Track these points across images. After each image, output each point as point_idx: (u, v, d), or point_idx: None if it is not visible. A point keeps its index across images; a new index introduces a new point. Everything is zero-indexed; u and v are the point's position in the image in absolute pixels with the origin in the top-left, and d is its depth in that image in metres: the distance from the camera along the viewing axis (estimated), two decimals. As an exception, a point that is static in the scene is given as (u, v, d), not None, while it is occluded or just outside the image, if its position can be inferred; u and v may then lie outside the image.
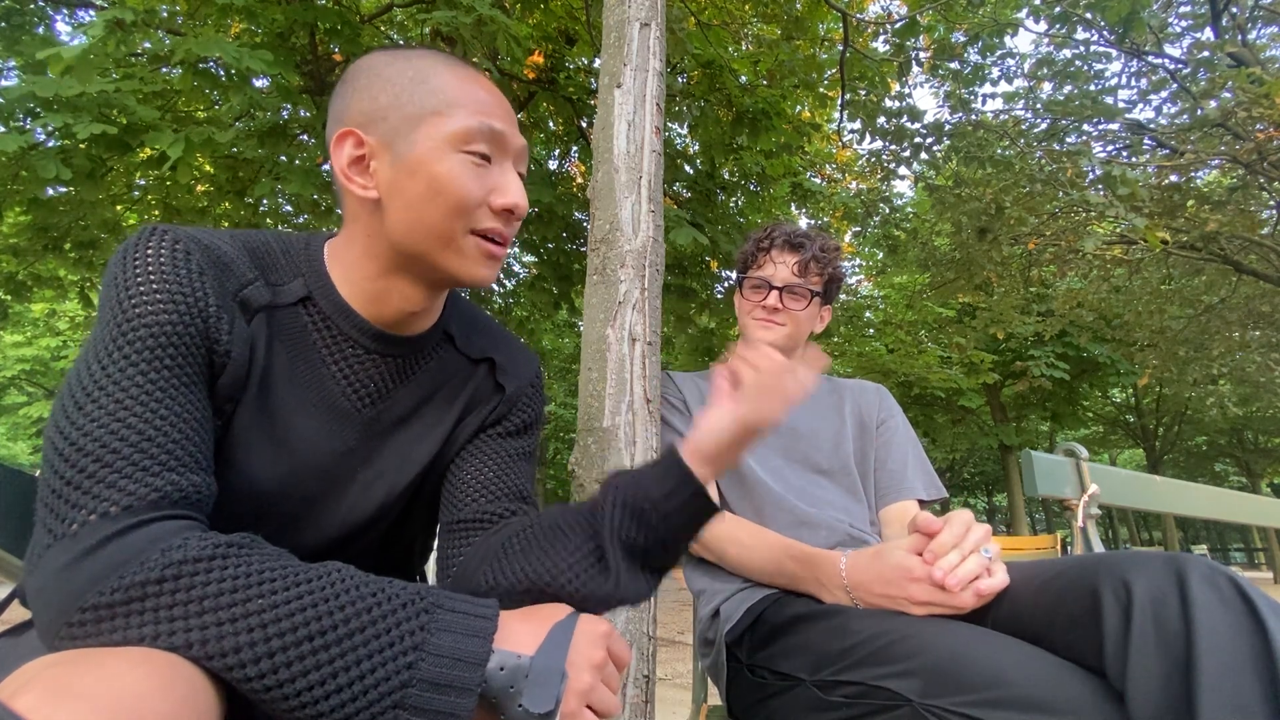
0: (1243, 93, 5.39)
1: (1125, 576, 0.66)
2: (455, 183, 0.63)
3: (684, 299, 5.37)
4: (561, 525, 0.65)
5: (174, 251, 0.59)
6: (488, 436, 0.79)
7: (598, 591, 0.60)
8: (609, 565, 0.61)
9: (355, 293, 0.69)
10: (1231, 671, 0.56)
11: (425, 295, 0.69)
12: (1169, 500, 1.88)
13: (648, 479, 0.64)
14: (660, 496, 0.62)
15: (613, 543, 0.61)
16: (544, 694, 0.50)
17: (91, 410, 0.52)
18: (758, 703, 0.94)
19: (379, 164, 0.64)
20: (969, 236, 6.55)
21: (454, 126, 0.63)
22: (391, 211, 0.64)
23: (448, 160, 0.63)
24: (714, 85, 4.38)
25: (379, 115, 0.64)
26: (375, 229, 0.66)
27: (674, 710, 3.13)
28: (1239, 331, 8.87)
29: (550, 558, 0.62)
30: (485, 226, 0.65)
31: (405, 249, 0.65)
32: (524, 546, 0.64)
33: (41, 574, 0.47)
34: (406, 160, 0.63)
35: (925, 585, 0.80)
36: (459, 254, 0.65)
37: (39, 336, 14.82)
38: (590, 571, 0.61)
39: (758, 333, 1.27)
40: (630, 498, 0.63)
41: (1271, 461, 18.80)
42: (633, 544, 0.62)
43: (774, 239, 1.28)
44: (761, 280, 1.27)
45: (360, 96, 0.66)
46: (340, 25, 3.79)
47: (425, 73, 0.65)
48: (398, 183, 0.63)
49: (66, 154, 3.14)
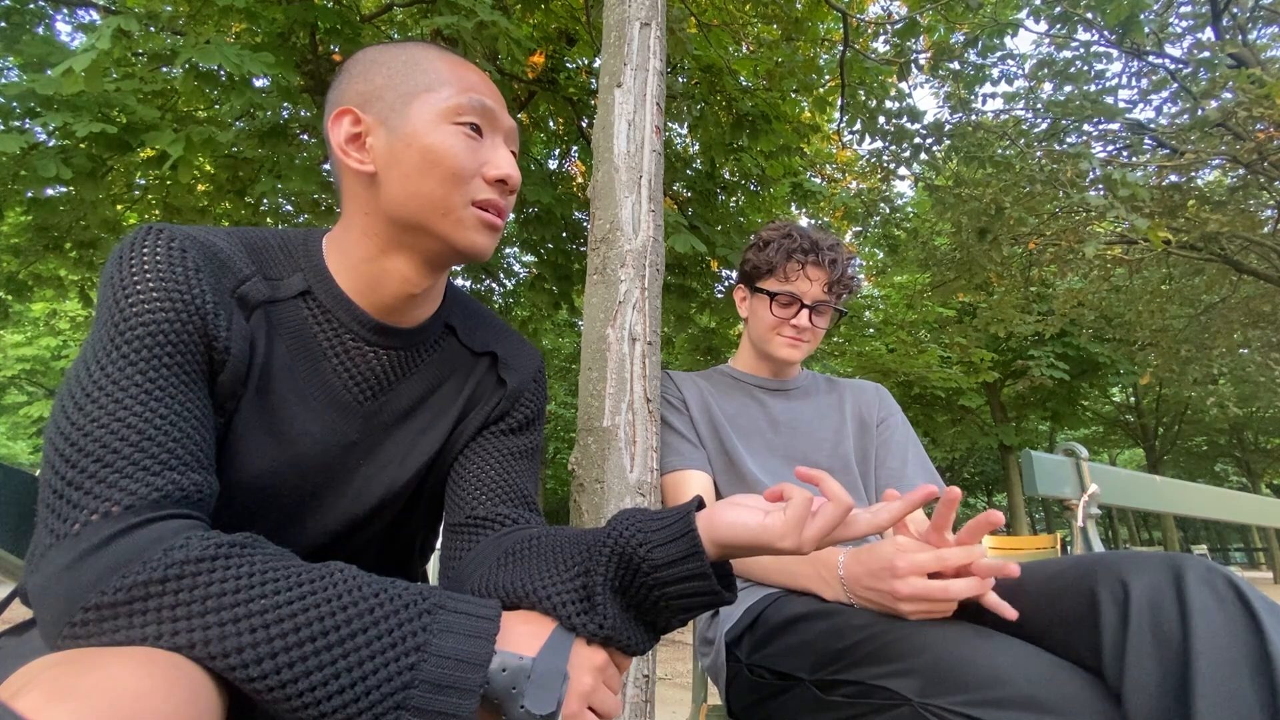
0: (1243, 93, 5.39)
1: (1123, 577, 0.66)
2: (449, 152, 0.65)
3: (684, 299, 5.36)
4: (558, 552, 0.61)
5: (170, 250, 0.59)
6: (491, 434, 0.79)
7: (585, 626, 0.56)
8: (597, 606, 0.57)
9: (354, 278, 0.69)
10: (1227, 672, 0.56)
11: (423, 274, 0.70)
12: (1169, 500, 1.88)
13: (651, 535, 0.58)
14: (663, 562, 0.57)
15: (604, 589, 0.57)
16: (546, 695, 0.50)
17: (91, 410, 0.52)
18: (757, 702, 0.94)
19: (374, 139, 0.66)
20: (969, 237, 6.54)
21: (446, 101, 0.66)
22: (388, 184, 0.66)
23: (440, 130, 0.65)
24: (714, 87, 4.38)
25: (374, 95, 0.67)
26: (372, 205, 0.67)
27: (674, 710, 3.13)
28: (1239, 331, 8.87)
29: (540, 581, 0.59)
30: (482, 198, 0.67)
31: (403, 220, 0.66)
32: (518, 561, 0.63)
33: (43, 574, 0.47)
34: (401, 133, 0.65)
35: (909, 581, 0.78)
36: (459, 223, 0.67)
37: (39, 336, 14.82)
38: (577, 605, 0.57)
39: (783, 351, 1.25)
40: (627, 550, 0.57)
41: (1271, 461, 18.80)
42: (624, 595, 0.58)
43: (805, 250, 1.22)
44: (792, 297, 1.23)
45: (356, 80, 0.68)
46: (340, 25, 3.79)
47: (417, 57, 0.68)
48: (394, 154, 0.65)
49: (66, 153, 3.13)
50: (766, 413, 1.28)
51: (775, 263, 1.24)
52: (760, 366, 1.33)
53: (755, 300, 1.29)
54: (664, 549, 0.57)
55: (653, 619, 0.60)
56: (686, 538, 0.58)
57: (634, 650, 0.59)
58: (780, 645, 0.92)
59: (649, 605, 0.59)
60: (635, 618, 0.59)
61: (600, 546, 0.59)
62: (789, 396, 1.31)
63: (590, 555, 0.59)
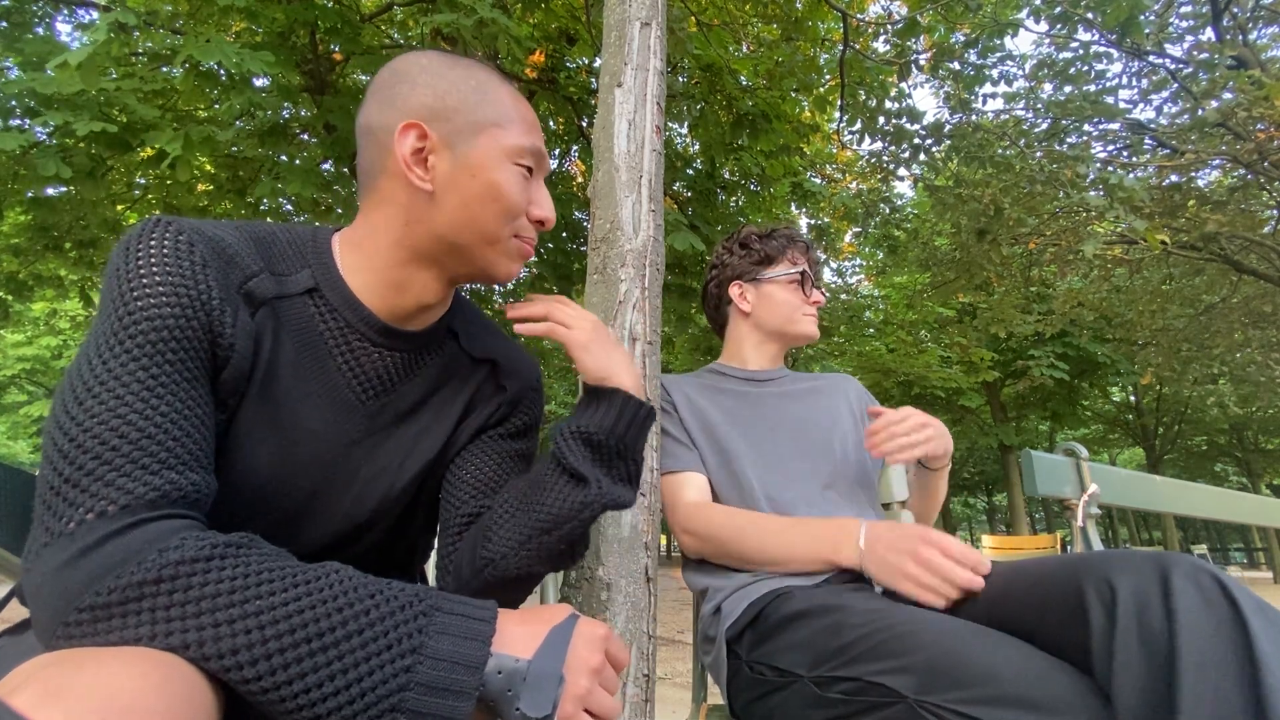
0: (1243, 93, 5.39)
1: (1109, 577, 0.66)
2: (509, 190, 0.69)
3: (684, 299, 5.37)
4: (528, 481, 0.72)
5: (177, 243, 0.58)
6: (489, 437, 0.79)
7: (586, 499, 0.68)
8: (585, 478, 0.68)
9: (371, 281, 0.69)
10: (1213, 672, 0.56)
11: (443, 287, 0.72)
12: (1169, 500, 1.87)
13: (593, 416, 0.72)
14: (610, 425, 0.72)
15: (580, 464, 0.69)
16: (541, 698, 0.50)
17: (91, 406, 0.51)
18: (757, 699, 0.94)
19: (438, 159, 0.67)
20: (969, 237, 6.54)
21: (512, 140, 0.69)
22: (445, 206, 0.67)
23: (504, 169, 0.69)
24: (714, 87, 4.38)
25: (445, 115, 0.67)
26: (420, 218, 0.68)
27: (674, 710, 3.13)
28: (1239, 331, 8.87)
29: (531, 501, 0.69)
30: (524, 234, 0.72)
31: (449, 240, 0.68)
32: (505, 512, 0.71)
33: (39, 573, 0.47)
34: (468, 161, 0.67)
35: (930, 549, 0.90)
36: (502, 253, 0.71)
37: (39, 336, 14.83)
38: (570, 488, 0.69)
39: (811, 326, 1.35)
40: (577, 432, 0.71)
41: (1271, 461, 18.80)
42: (596, 462, 0.71)
43: (791, 238, 1.36)
44: (805, 274, 1.34)
45: (424, 92, 0.68)
46: (340, 25, 3.79)
47: (486, 85, 0.70)
48: (456, 180, 0.67)
49: (66, 152, 3.13)
50: (761, 406, 1.28)
51: (778, 251, 1.35)
52: (761, 359, 1.36)
53: (763, 290, 1.35)
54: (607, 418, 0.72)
55: (623, 470, 0.73)
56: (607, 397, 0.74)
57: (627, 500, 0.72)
58: (780, 642, 0.92)
59: (613, 458, 0.72)
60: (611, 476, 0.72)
61: (556, 448, 0.71)
62: (780, 386, 1.34)
63: (553, 459, 0.71)
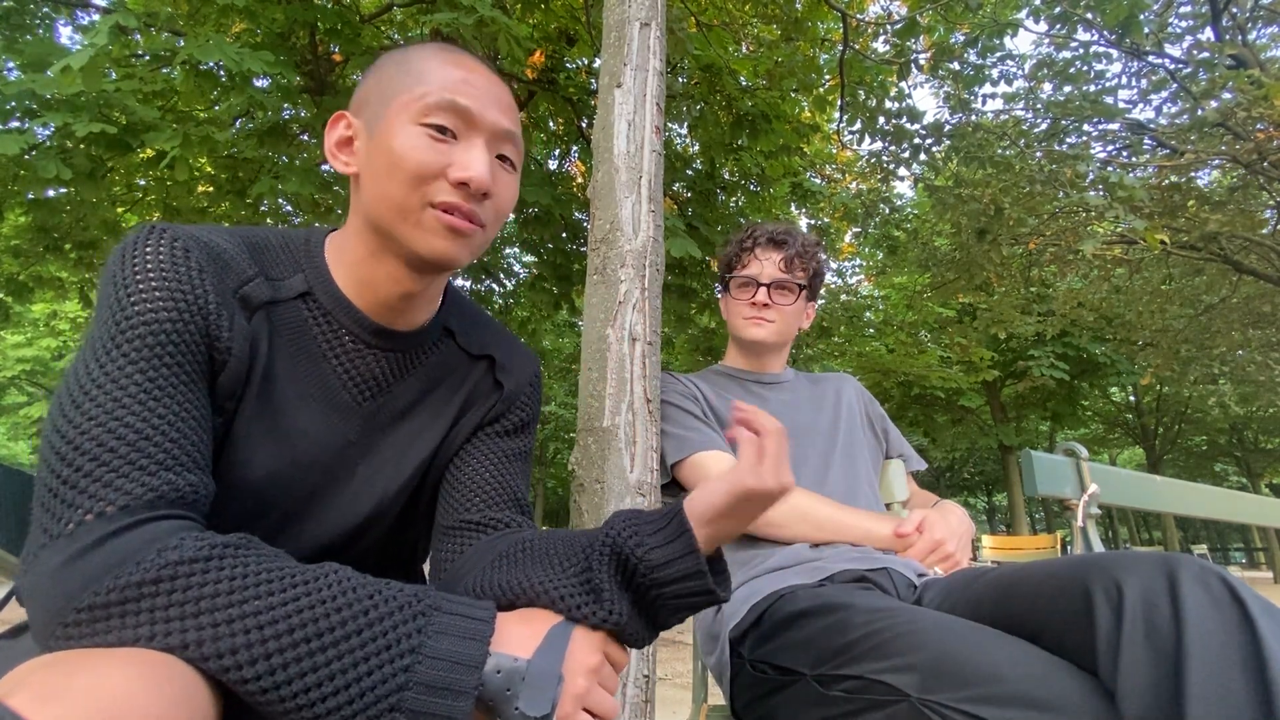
0: (1243, 93, 5.39)
1: (1117, 577, 0.66)
2: (410, 153, 0.63)
3: (684, 299, 5.37)
4: (555, 552, 0.61)
5: (173, 249, 0.59)
6: (485, 435, 0.79)
7: (594, 615, 0.56)
8: (604, 597, 0.57)
9: (351, 279, 0.70)
10: (1220, 672, 0.56)
11: (409, 275, 0.68)
12: (1169, 500, 1.87)
13: (646, 536, 0.58)
14: (659, 562, 0.57)
15: (610, 582, 0.57)
16: (540, 698, 0.50)
17: (89, 408, 0.52)
18: (760, 698, 0.94)
19: (360, 142, 0.68)
20: (969, 237, 6.54)
21: (418, 102, 0.65)
22: (365, 186, 0.67)
23: (405, 132, 0.64)
24: (714, 87, 4.38)
25: (365, 99, 0.68)
26: (358, 205, 0.68)
27: (674, 710, 3.13)
28: (1239, 331, 8.87)
29: (540, 578, 0.58)
30: (441, 200, 0.64)
31: (375, 222, 0.67)
32: (514, 562, 0.62)
33: (36, 574, 0.47)
34: (376, 135, 0.66)
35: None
36: (417, 226, 0.64)
37: (39, 337, 14.83)
38: (582, 598, 0.57)
39: (749, 331, 1.31)
40: (624, 551, 0.58)
41: (1271, 461, 18.79)
42: (626, 591, 0.58)
43: (756, 238, 1.33)
44: (748, 278, 1.31)
45: (360, 87, 0.70)
46: (340, 25, 3.79)
47: (410, 58, 0.68)
48: (369, 157, 0.66)
49: (66, 154, 3.13)
50: (764, 405, 1.29)
51: (733, 254, 1.36)
52: (744, 360, 1.38)
53: (726, 297, 1.38)
54: (661, 550, 0.58)
55: (651, 616, 0.60)
56: (682, 538, 0.58)
57: (638, 642, 0.59)
58: (783, 641, 0.92)
59: (647, 603, 0.59)
60: (637, 613, 0.59)
61: (599, 546, 0.58)
62: (780, 389, 1.35)
63: (588, 554, 0.59)
